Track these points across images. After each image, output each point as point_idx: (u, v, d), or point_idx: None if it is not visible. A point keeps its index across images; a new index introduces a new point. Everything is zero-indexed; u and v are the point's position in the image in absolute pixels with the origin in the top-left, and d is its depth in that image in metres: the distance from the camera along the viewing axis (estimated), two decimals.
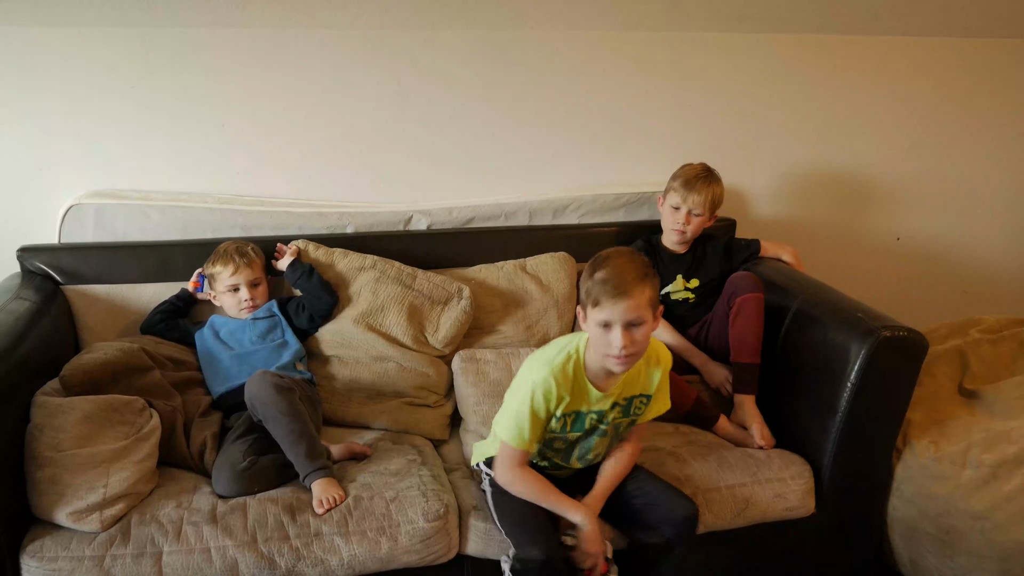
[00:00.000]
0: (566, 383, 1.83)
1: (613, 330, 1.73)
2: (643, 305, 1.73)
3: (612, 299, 1.71)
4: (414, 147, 2.76)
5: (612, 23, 2.77)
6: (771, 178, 3.10)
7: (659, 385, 1.93)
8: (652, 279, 1.77)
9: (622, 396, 1.89)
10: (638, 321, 1.73)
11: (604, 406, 1.87)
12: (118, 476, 1.86)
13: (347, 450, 2.16)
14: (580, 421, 1.88)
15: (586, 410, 1.87)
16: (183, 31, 2.50)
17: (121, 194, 2.56)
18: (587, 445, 1.93)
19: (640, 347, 1.75)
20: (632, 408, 1.92)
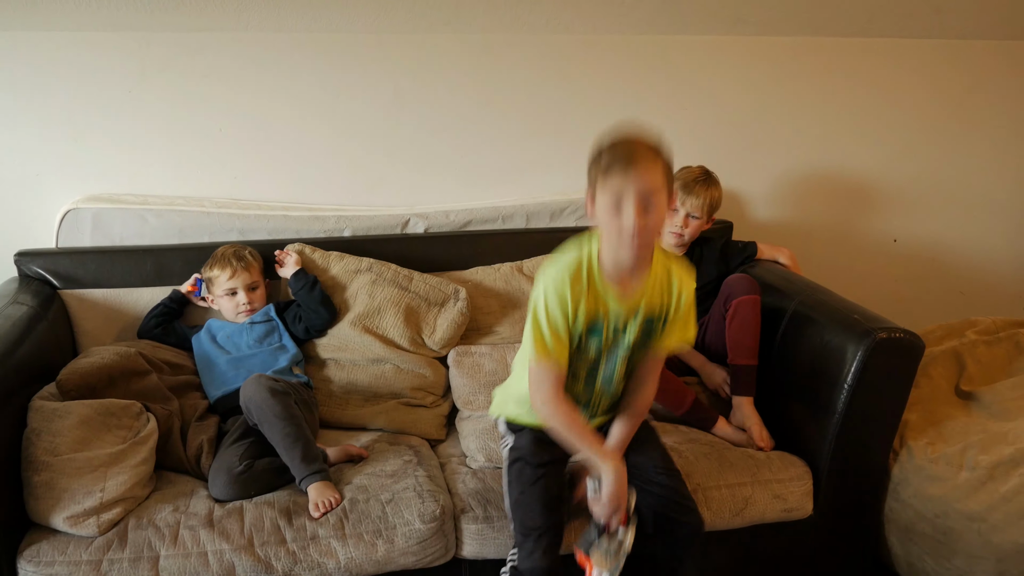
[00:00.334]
0: (579, 280, 1.69)
1: (624, 207, 1.58)
2: (657, 180, 1.59)
3: (623, 168, 1.57)
4: (411, 150, 2.77)
5: (608, 27, 2.78)
6: (768, 180, 3.10)
7: (685, 308, 1.79)
8: (666, 159, 1.63)
9: (644, 307, 1.74)
10: (652, 195, 1.58)
11: (624, 312, 1.73)
12: (115, 480, 1.86)
13: (344, 452, 2.16)
14: (598, 330, 1.74)
15: (604, 315, 1.73)
16: (179, 35, 2.51)
17: (118, 198, 2.56)
18: (611, 367, 1.81)
19: (653, 231, 1.62)
20: (652, 330, 1.79)
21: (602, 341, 1.77)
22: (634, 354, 1.81)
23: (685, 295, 1.78)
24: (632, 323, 1.75)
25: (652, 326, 1.78)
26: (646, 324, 1.77)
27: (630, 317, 1.75)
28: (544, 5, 2.62)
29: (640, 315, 1.75)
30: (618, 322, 1.75)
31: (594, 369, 1.82)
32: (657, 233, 1.65)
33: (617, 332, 1.76)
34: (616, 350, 1.79)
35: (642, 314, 1.75)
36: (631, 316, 1.75)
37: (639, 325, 1.76)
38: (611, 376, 1.83)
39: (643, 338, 1.79)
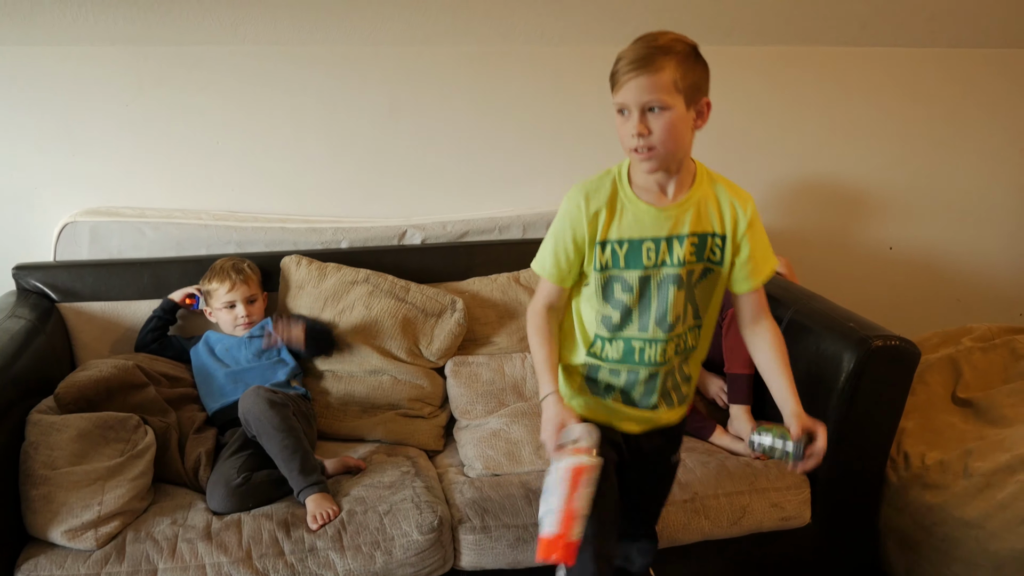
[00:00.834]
0: (600, 191, 1.57)
1: (630, 116, 1.46)
2: (661, 81, 1.42)
3: (622, 73, 1.45)
4: (407, 162, 2.78)
5: (602, 38, 2.78)
6: (762, 189, 3.11)
7: (750, 229, 1.59)
8: (686, 57, 1.45)
9: (690, 222, 1.56)
10: (656, 104, 1.44)
11: (664, 230, 1.55)
12: (113, 493, 1.86)
13: (341, 464, 2.16)
14: (636, 252, 1.56)
15: (641, 236, 1.56)
16: (176, 49, 2.52)
17: (116, 211, 2.57)
18: (664, 299, 1.58)
19: (662, 140, 1.45)
20: (708, 249, 1.58)
21: (643, 263, 1.56)
22: (695, 285, 1.60)
23: (745, 213, 1.58)
24: (678, 242, 1.55)
25: (706, 247, 1.57)
26: (699, 243, 1.57)
27: (673, 232, 1.55)
28: (539, 17, 2.64)
29: (686, 230, 1.55)
30: (658, 241, 1.55)
31: (645, 304, 1.59)
32: (674, 142, 1.46)
33: (660, 252, 1.55)
34: (665, 279, 1.57)
35: (689, 228, 1.55)
36: (674, 231, 1.55)
37: (688, 244, 1.55)
38: (665, 312, 1.59)
39: (700, 260, 1.59)
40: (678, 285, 1.58)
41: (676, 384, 1.72)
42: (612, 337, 1.63)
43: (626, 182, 1.57)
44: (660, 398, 1.70)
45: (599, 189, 1.58)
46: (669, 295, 1.58)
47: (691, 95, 1.46)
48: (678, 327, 1.62)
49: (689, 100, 1.46)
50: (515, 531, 1.96)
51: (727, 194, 1.60)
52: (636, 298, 1.59)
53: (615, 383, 1.67)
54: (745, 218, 1.58)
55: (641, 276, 1.57)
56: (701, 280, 1.61)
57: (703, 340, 1.71)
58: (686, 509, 2.05)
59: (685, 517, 2.04)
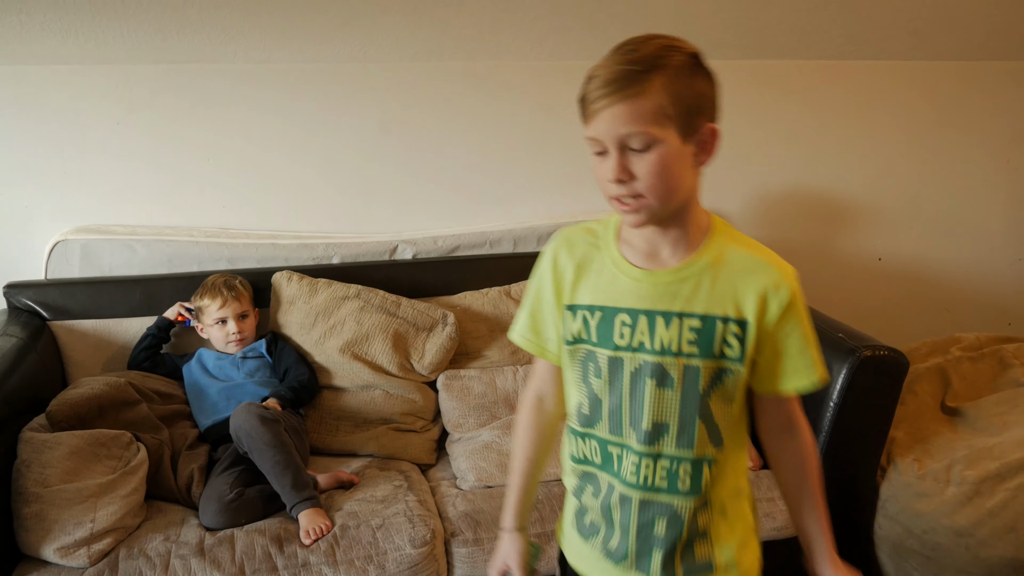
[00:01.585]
0: (581, 246, 1.23)
1: (606, 156, 1.10)
2: (649, 111, 1.05)
3: (596, 100, 1.08)
4: (398, 177, 2.79)
5: (591, 53, 2.79)
6: (752, 201, 3.13)
7: (787, 318, 1.15)
8: (679, 71, 1.07)
9: (689, 298, 1.15)
10: (639, 139, 1.07)
11: (644, 301, 1.16)
12: (105, 510, 1.86)
13: (334, 479, 2.16)
14: (608, 325, 1.18)
15: (615, 304, 1.18)
16: (167, 67, 2.53)
17: (106, 229, 2.57)
18: (638, 396, 1.18)
19: (649, 186, 1.08)
20: (719, 340, 1.15)
21: (613, 341, 1.18)
22: (709, 394, 1.17)
23: (778, 292, 1.14)
24: (663, 321, 1.15)
25: (715, 336, 1.15)
26: (704, 329, 1.15)
27: (657, 307, 1.16)
28: (528, 32, 2.66)
29: (680, 307, 1.15)
30: (635, 314, 1.17)
31: (615, 395, 1.20)
32: (667, 188, 1.09)
33: (637, 330, 1.17)
34: (641, 370, 1.17)
35: (685, 305, 1.15)
36: (658, 306, 1.16)
37: (683, 327, 1.15)
38: (639, 413, 1.18)
39: (707, 356, 1.16)
40: (659, 381, 1.16)
41: (680, 538, 1.22)
42: (584, 433, 1.25)
43: (612, 234, 1.22)
44: (644, 551, 1.23)
45: (579, 239, 1.25)
46: (644, 392, 1.17)
47: (688, 122, 1.08)
48: (664, 443, 1.18)
49: (685, 129, 1.08)
50: None
51: (755, 263, 1.16)
52: (605, 385, 1.21)
53: (591, 507, 1.28)
54: (779, 300, 1.14)
55: (611, 357, 1.19)
56: (717, 386, 1.17)
57: (730, 478, 1.23)
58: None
59: None
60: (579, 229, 1.27)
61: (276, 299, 2.52)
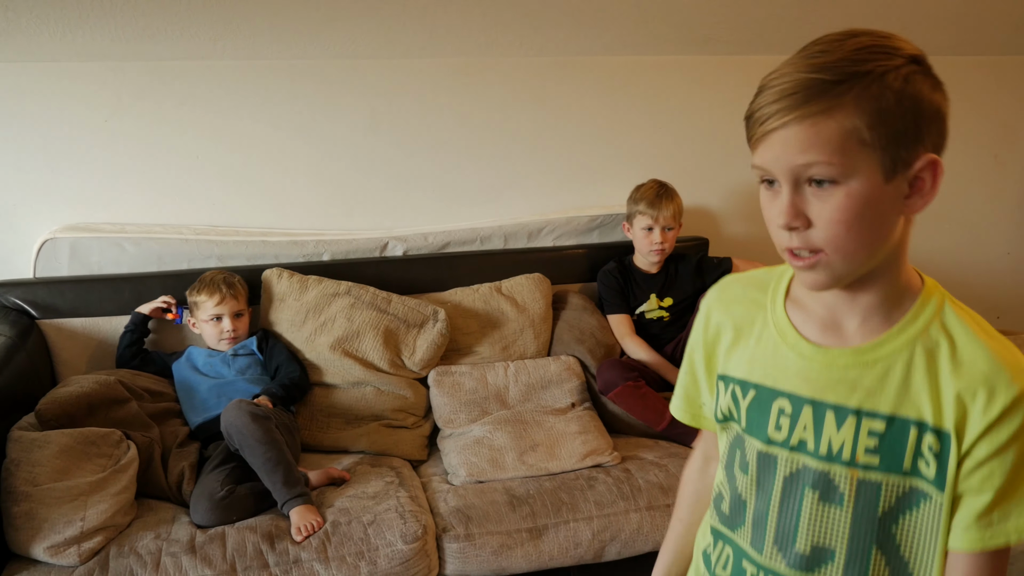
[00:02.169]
0: (744, 300, 0.99)
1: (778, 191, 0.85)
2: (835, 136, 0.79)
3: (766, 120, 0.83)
4: (388, 174, 2.79)
5: (580, 48, 2.81)
6: (742, 197, 3.14)
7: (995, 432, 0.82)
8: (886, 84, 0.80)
9: (877, 396, 0.86)
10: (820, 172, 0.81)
11: (814, 389, 0.89)
12: (96, 509, 1.85)
13: (325, 475, 2.16)
14: (763, 409, 0.93)
15: (774, 385, 0.93)
16: (155, 64, 2.53)
17: (95, 227, 2.56)
18: (792, 508, 0.92)
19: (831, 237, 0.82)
20: (911, 451, 0.85)
21: (766, 433, 0.93)
22: (889, 516, 0.88)
23: (994, 399, 0.81)
24: (834, 417, 0.88)
25: (906, 445, 0.85)
26: (890, 434, 0.86)
27: (829, 398, 0.89)
28: (517, 28, 2.66)
29: (858, 402, 0.87)
30: (799, 403, 0.91)
31: (762, 501, 0.95)
32: (857, 241, 0.82)
33: (798, 425, 0.91)
34: (800, 475, 0.91)
35: (866, 400, 0.87)
36: (831, 397, 0.89)
37: (860, 428, 0.87)
38: (793, 530, 0.92)
39: (891, 470, 0.87)
40: (823, 494, 0.90)
41: None
42: (721, 533, 1.02)
43: (783, 290, 0.96)
44: None
45: (740, 294, 1.00)
46: (802, 505, 0.91)
47: (895, 152, 0.80)
48: (825, 571, 0.91)
49: (891, 162, 0.81)
50: (499, 538, 1.97)
51: (977, 352, 0.84)
52: (752, 484, 0.96)
53: None
54: (992, 408, 0.81)
55: (761, 453, 0.94)
56: (904, 511, 0.88)
57: None
58: (669, 514, 2.02)
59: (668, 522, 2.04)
60: (742, 280, 1.01)
61: (266, 296, 2.51)
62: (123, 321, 2.43)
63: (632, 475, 2.15)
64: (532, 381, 2.47)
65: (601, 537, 2.03)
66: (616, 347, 2.62)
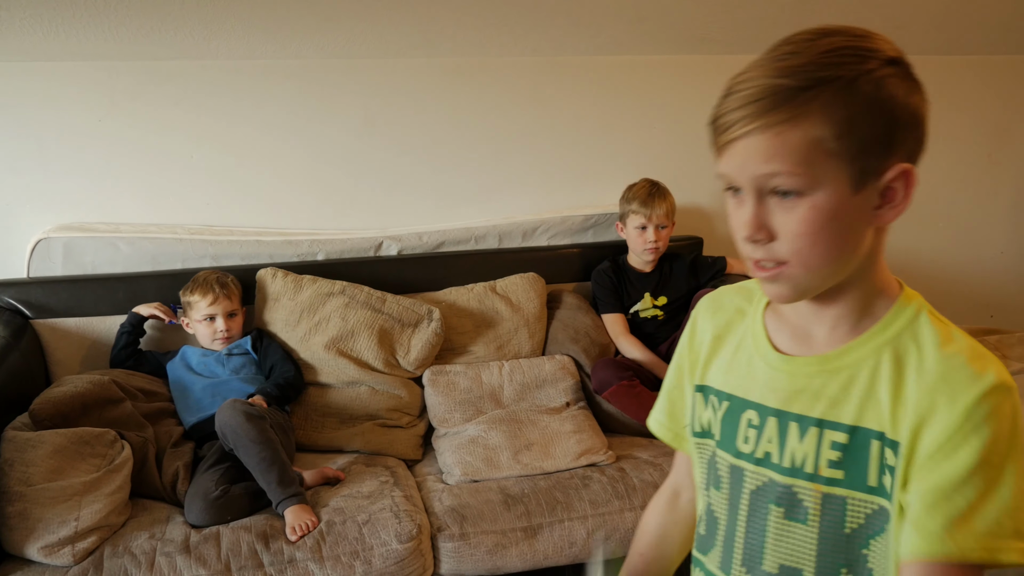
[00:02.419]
0: (730, 307, 0.97)
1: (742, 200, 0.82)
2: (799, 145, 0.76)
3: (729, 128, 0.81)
4: (383, 174, 2.79)
5: (575, 48, 2.82)
6: None
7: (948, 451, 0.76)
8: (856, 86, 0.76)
9: (839, 405, 0.83)
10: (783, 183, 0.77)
11: (779, 399, 0.87)
12: (90, 509, 1.85)
13: (320, 475, 2.16)
14: (733, 421, 0.91)
15: (745, 396, 0.91)
16: (150, 64, 2.52)
17: (90, 227, 2.56)
18: (759, 524, 0.88)
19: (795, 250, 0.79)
20: (876, 464, 0.81)
21: (735, 445, 0.91)
22: (857, 535, 0.83)
23: (952, 408, 0.76)
24: (797, 428, 0.86)
25: (868, 458, 0.82)
26: (853, 446, 0.82)
27: (792, 407, 0.86)
28: (512, 28, 2.66)
29: (821, 412, 0.84)
30: (764, 413, 0.89)
31: (732, 519, 0.92)
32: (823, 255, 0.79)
33: (763, 436, 0.88)
34: (764, 490, 0.88)
35: (827, 410, 0.84)
36: (793, 406, 0.86)
37: (822, 439, 0.84)
38: (759, 548, 0.88)
39: (856, 486, 0.82)
40: (788, 510, 0.86)
41: None
42: (696, 562, 0.99)
43: (763, 299, 0.94)
44: None
45: (728, 300, 0.98)
46: (767, 521, 0.88)
47: (865, 162, 0.77)
48: None
49: (860, 172, 0.77)
50: (493, 537, 1.97)
51: (945, 360, 0.79)
52: (724, 501, 0.93)
53: None
54: (946, 419, 0.76)
55: (732, 466, 0.91)
56: (874, 531, 0.82)
57: None
58: None
59: None
60: (732, 289, 0.98)
61: (261, 296, 2.51)
62: (117, 321, 2.42)
63: (627, 474, 2.16)
64: (527, 380, 2.47)
65: (596, 536, 2.03)
66: (610, 346, 2.62)
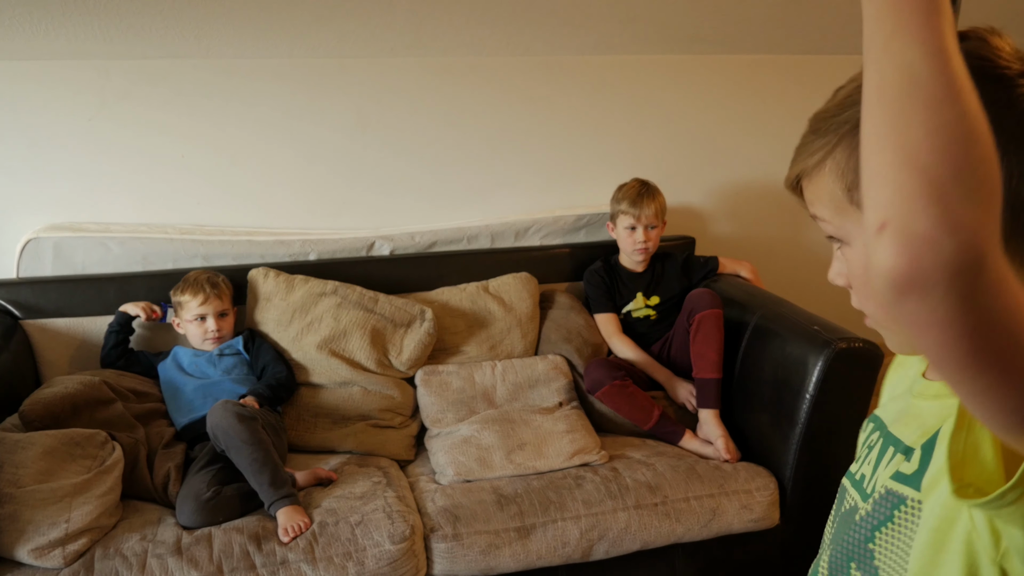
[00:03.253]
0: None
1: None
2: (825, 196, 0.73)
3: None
4: (375, 173, 2.79)
5: (567, 48, 2.82)
6: (728, 196, 3.15)
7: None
8: None
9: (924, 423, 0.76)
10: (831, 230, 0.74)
11: (898, 418, 0.82)
12: (81, 510, 1.84)
13: (312, 476, 2.15)
14: (866, 439, 0.89)
15: (883, 416, 0.87)
16: (140, 63, 2.51)
17: (80, 227, 2.55)
18: (842, 539, 0.83)
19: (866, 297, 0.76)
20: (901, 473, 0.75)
21: (851, 466, 0.89)
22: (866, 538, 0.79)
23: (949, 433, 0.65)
24: (897, 449, 0.79)
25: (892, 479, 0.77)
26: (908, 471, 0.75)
27: (903, 432, 0.80)
28: (503, 27, 2.66)
29: (917, 436, 0.76)
30: (883, 431, 0.84)
31: (837, 533, 0.88)
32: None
33: (871, 455, 0.84)
34: (863, 515, 0.80)
35: (917, 434, 0.76)
36: (903, 430, 0.80)
37: (887, 464, 0.79)
38: (843, 561, 0.83)
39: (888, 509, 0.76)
40: (859, 534, 0.80)
41: None
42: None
43: None
44: None
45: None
46: (846, 538, 0.83)
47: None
48: None
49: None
50: (486, 537, 1.97)
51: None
52: (833, 517, 0.91)
53: None
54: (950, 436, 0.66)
55: (845, 483, 0.89)
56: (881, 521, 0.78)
57: None
58: (657, 513, 2.06)
59: (657, 521, 2.06)
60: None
61: (253, 296, 2.50)
62: (108, 321, 2.41)
63: (620, 474, 2.16)
64: (519, 380, 2.47)
65: (589, 536, 2.03)
66: (603, 346, 2.62)
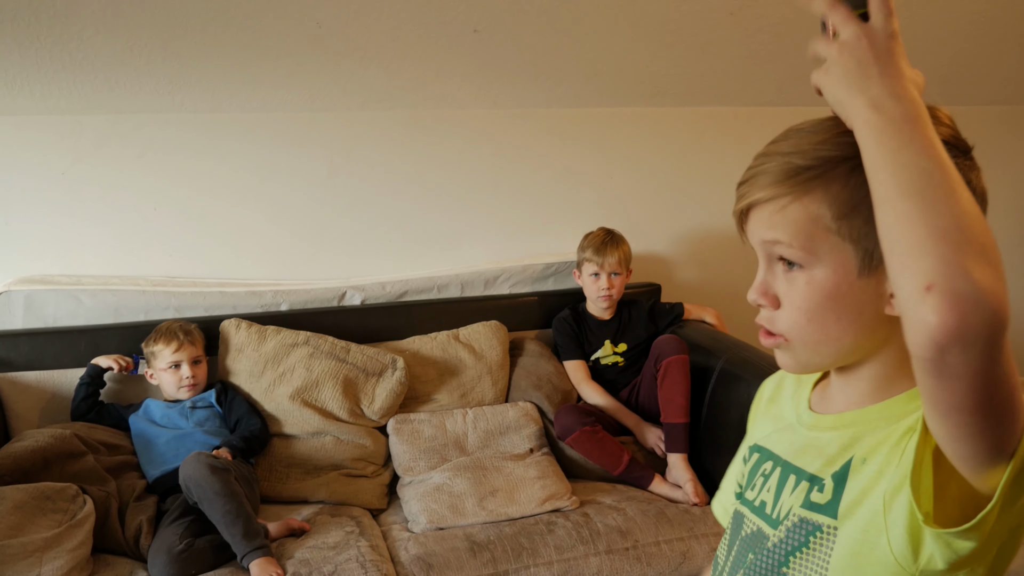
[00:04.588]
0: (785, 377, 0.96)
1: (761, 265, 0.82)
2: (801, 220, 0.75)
3: (738, 187, 0.84)
4: (346, 224, 2.82)
5: (534, 101, 2.89)
6: (693, 243, 3.22)
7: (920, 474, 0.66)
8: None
9: (831, 455, 0.78)
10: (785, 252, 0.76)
11: (794, 450, 0.85)
12: (51, 565, 1.83)
13: (285, 527, 2.15)
14: (756, 468, 0.90)
15: (772, 448, 0.89)
16: (113, 117, 2.54)
17: (51, 280, 2.55)
18: (753, 565, 0.83)
19: (793, 323, 0.78)
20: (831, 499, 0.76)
21: (744, 492, 0.92)
22: (780, 553, 0.80)
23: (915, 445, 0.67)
24: (799, 479, 0.81)
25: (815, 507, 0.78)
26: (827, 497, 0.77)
27: (803, 459, 0.83)
28: (472, 81, 2.73)
29: (817, 467, 0.79)
30: (781, 463, 0.86)
31: (726, 560, 0.90)
32: (818, 329, 0.77)
33: (769, 484, 0.86)
34: (758, 533, 0.85)
35: (824, 467, 0.79)
36: (806, 460, 0.82)
37: (803, 489, 0.80)
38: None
39: (809, 534, 0.77)
40: (759, 547, 0.84)
41: None
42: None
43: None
44: None
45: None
46: (747, 559, 0.85)
47: (870, 245, 0.72)
48: None
49: (867, 256, 0.73)
50: None
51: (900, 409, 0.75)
52: (726, 545, 0.92)
53: None
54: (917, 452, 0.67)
55: (737, 511, 0.92)
56: (797, 548, 0.79)
57: None
58: (628, 557, 2.09)
59: (628, 565, 2.08)
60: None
61: (224, 347, 2.51)
62: (79, 374, 2.41)
63: (591, 519, 2.18)
64: (491, 427, 2.50)
65: None
66: (573, 393, 2.66)
